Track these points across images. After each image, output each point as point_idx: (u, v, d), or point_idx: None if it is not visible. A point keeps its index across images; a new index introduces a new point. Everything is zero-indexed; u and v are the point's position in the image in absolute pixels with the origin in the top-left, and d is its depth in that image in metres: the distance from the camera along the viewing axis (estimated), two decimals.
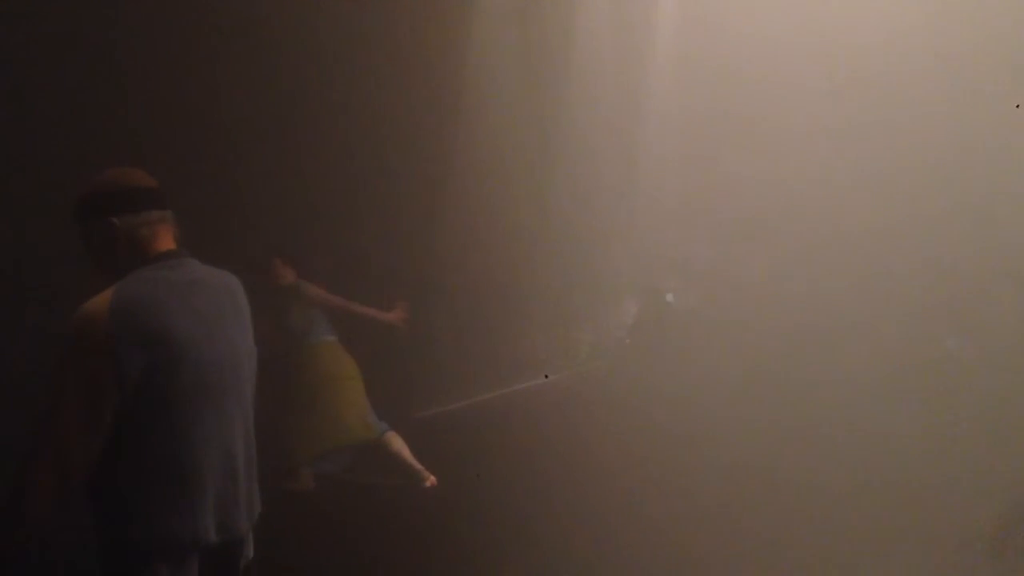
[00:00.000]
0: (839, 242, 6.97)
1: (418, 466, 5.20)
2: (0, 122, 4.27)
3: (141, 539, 2.11)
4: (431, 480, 5.19)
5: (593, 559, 4.19)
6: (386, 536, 4.52)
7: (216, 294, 2.30)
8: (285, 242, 5.47)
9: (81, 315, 2.07)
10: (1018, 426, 5.47)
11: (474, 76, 6.86)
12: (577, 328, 7.95)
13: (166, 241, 2.27)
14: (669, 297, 7.94)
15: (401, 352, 5.94)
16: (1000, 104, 6.90)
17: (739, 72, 7.20)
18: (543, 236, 7.33)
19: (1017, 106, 6.75)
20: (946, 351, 6.82)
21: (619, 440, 5.59)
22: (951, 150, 7.08)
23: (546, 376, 6.69)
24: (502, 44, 7.04)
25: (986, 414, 5.71)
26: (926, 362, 6.55)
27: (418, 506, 4.95)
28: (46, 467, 2.01)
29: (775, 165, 7.23)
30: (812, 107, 7.09)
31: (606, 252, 7.69)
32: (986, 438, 5.39)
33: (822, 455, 5.25)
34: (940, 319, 6.90)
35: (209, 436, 2.19)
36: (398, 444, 5.22)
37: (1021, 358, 6.17)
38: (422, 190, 6.55)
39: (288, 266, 5.29)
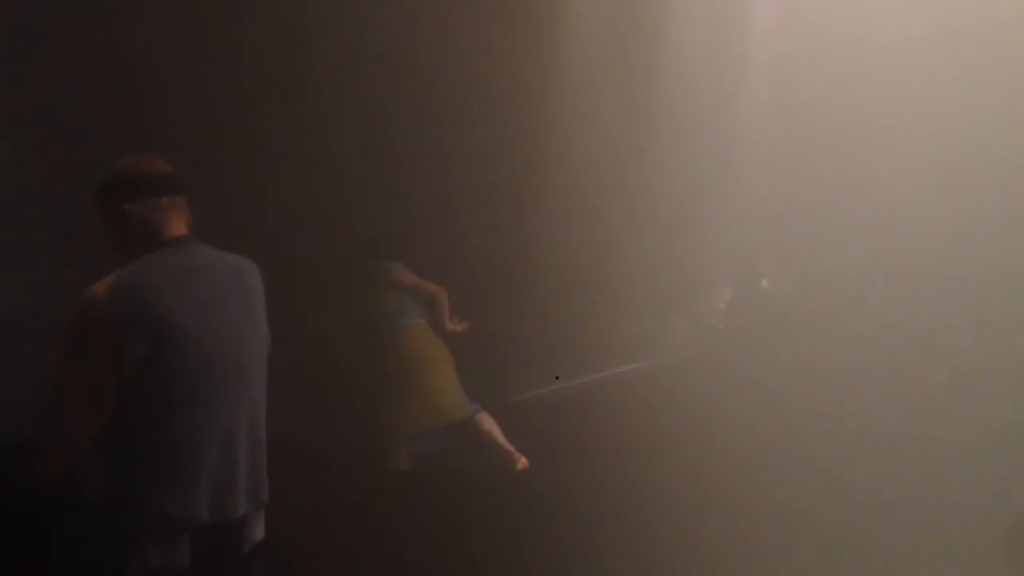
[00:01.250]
0: (939, 235, 6.73)
1: (510, 448, 5.27)
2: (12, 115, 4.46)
3: (130, 516, 2.17)
4: (523, 462, 5.25)
5: (678, 550, 4.17)
6: (476, 515, 4.59)
7: (222, 280, 2.33)
8: (383, 232, 5.64)
9: (84, 299, 2.14)
10: None
11: (566, 64, 6.90)
12: (670, 314, 7.93)
13: (178, 227, 2.32)
14: (764, 283, 7.83)
15: (495, 337, 6.05)
16: None
17: (839, 65, 7.03)
18: (636, 222, 7.33)
19: None
20: None
21: (709, 428, 5.55)
22: None
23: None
24: (594, 31, 7.06)
25: None
26: None
27: (509, 488, 5.03)
28: (50, 446, 2.13)
29: (875, 157, 7.02)
30: (913, 101, 6.85)
31: (700, 238, 7.64)
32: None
33: (908, 452, 5.09)
34: None
35: (206, 419, 2.22)
36: (490, 425, 5.31)
37: None
38: (515, 180, 6.64)
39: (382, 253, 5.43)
